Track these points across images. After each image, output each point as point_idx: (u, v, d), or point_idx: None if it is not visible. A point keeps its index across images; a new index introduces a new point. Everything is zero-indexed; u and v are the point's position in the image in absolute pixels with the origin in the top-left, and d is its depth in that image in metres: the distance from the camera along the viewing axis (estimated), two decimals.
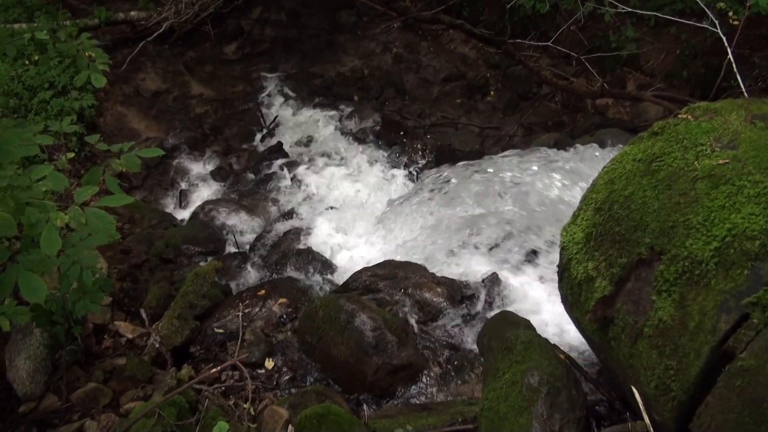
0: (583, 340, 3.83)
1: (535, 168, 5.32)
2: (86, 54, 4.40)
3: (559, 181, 5.11)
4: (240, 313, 4.61)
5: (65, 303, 3.90)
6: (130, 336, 4.66)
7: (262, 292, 4.89)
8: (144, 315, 4.79)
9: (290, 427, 3.45)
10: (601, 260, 3.35)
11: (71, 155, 4.71)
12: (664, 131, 3.40)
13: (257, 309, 4.71)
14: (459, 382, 4.15)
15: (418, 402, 4.05)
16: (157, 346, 4.43)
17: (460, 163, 5.91)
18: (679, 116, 3.45)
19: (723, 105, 3.41)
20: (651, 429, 3.18)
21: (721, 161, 3.09)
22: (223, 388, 4.08)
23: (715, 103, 3.45)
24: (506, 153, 5.87)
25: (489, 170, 5.54)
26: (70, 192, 5.51)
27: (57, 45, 5.04)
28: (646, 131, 3.51)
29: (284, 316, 4.69)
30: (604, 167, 3.58)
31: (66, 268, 3.50)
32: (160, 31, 8.95)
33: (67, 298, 3.87)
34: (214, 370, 3.76)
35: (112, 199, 2.98)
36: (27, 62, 7.67)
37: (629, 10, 6.62)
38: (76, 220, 2.77)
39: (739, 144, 3.13)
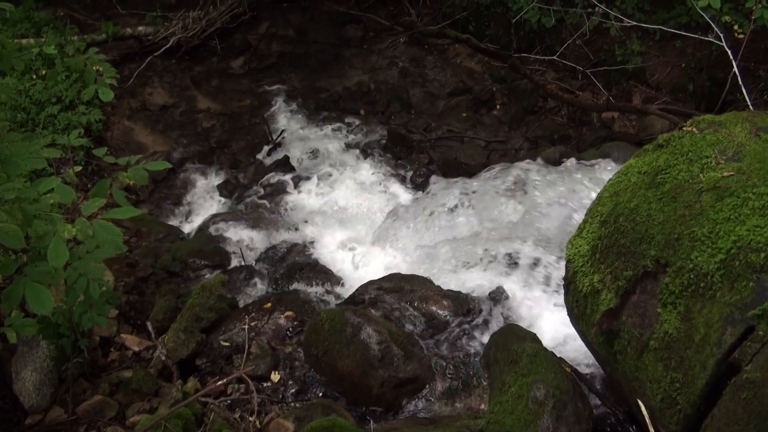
0: (590, 354, 3.82)
1: (540, 180, 5.32)
2: (94, 68, 4.43)
3: (565, 194, 5.11)
4: (246, 326, 4.61)
5: (72, 315, 3.91)
6: (136, 349, 4.67)
7: (269, 305, 4.89)
8: (150, 328, 4.79)
9: None
10: (607, 273, 3.35)
11: (78, 168, 4.72)
12: (669, 144, 3.41)
13: (263, 322, 4.71)
14: (465, 395, 4.14)
15: (423, 416, 4.04)
16: (163, 359, 4.43)
17: (466, 177, 5.91)
18: (684, 129, 3.46)
19: (727, 117, 3.42)
20: None
21: (726, 174, 3.10)
22: (229, 401, 4.08)
23: (720, 116, 3.46)
24: (512, 164, 5.87)
25: (494, 183, 5.55)
26: (77, 205, 5.54)
27: (65, 60, 5.10)
28: (651, 144, 3.53)
29: (290, 329, 4.69)
30: (609, 180, 3.60)
31: (73, 280, 3.51)
32: (168, 46, 8.99)
33: (74, 310, 3.88)
34: (220, 382, 3.76)
35: (120, 211, 2.99)
36: (35, 76, 7.70)
37: (635, 23, 6.63)
38: (83, 232, 2.78)
39: (743, 156, 3.14)
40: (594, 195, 3.72)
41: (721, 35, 5.31)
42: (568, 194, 5.22)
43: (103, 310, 3.82)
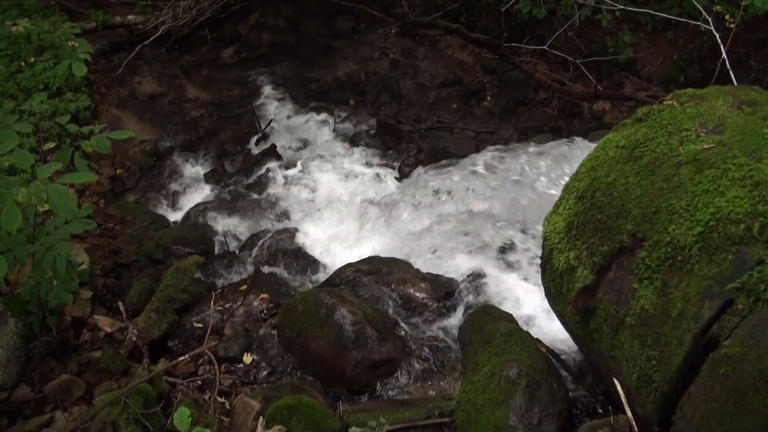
0: (568, 336, 3.72)
1: (521, 163, 5.25)
2: (69, 44, 4.35)
3: (545, 175, 5.04)
4: (213, 303, 4.50)
5: (39, 292, 3.81)
6: (109, 330, 4.57)
7: (244, 287, 4.81)
8: (122, 308, 4.70)
9: (261, 418, 3.35)
10: (583, 249, 3.26)
11: (52, 145, 4.65)
12: (649, 117, 3.32)
13: (238, 303, 4.63)
14: (440, 378, 4.05)
15: (397, 397, 3.95)
16: (134, 339, 4.34)
17: (449, 162, 5.84)
18: (665, 102, 3.37)
19: (709, 91, 3.33)
20: (633, 422, 3.07)
21: (706, 146, 3.00)
22: (200, 382, 3.99)
23: (702, 90, 3.37)
24: (493, 149, 5.80)
25: (476, 168, 5.48)
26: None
27: (41, 36, 5.04)
28: (630, 118, 3.44)
29: (265, 311, 4.61)
30: (588, 155, 3.50)
31: (40, 256, 3.43)
32: (157, 35, 8.88)
33: (41, 287, 3.78)
34: (182, 358, 3.66)
35: (76, 176, 2.91)
36: (23, 63, 7.63)
37: (628, 8, 6.57)
38: (37, 195, 2.69)
39: (725, 129, 3.05)
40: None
41: (710, 19, 5.24)
42: (549, 178, 5.13)
43: (70, 286, 3.73)
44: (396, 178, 7.00)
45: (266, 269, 5.42)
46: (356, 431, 3.26)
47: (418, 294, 4.57)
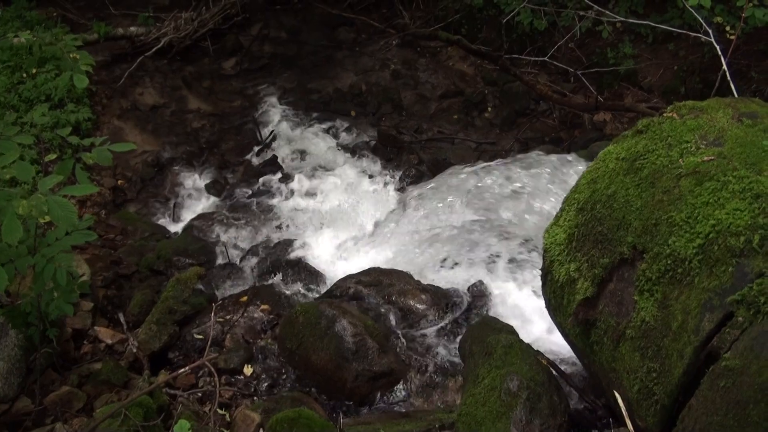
0: (569, 348, 3.72)
1: (522, 174, 5.26)
2: (71, 56, 4.37)
3: (545, 186, 5.04)
4: (213, 314, 4.49)
5: (39, 304, 3.81)
6: (109, 341, 4.57)
7: (245, 298, 4.81)
8: (123, 320, 4.71)
9: (261, 431, 3.35)
10: (583, 261, 3.26)
11: (53, 156, 4.67)
12: (649, 129, 3.32)
13: (238, 315, 4.62)
14: (441, 390, 4.04)
15: (398, 410, 3.95)
16: (134, 350, 4.34)
17: (449, 173, 5.84)
18: (665, 115, 3.38)
19: (709, 103, 3.34)
20: None
21: (706, 158, 3.01)
22: (200, 394, 3.99)
23: (702, 102, 3.38)
24: (493, 160, 5.82)
25: (478, 179, 5.49)
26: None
27: (42, 48, 5.07)
28: (630, 130, 3.44)
29: (265, 322, 4.61)
30: (588, 167, 3.51)
31: (41, 267, 3.43)
32: (159, 46, 8.93)
33: (42, 298, 3.78)
34: (182, 370, 3.66)
35: (76, 188, 2.92)
36: (25, 75, 7.65)
37: (628, 20, 6.59)
38: (38, 208, 2.70)
39: (725, 141, 3.06)
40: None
41: (710, 31, 5.26)
42: (549, 189, 5.14)
43: (71, 298, 3.73)
44: (396, 189, 7.01)
45: (267, 280, 5.44)
46: None
47: (418, 306, 4.57)
